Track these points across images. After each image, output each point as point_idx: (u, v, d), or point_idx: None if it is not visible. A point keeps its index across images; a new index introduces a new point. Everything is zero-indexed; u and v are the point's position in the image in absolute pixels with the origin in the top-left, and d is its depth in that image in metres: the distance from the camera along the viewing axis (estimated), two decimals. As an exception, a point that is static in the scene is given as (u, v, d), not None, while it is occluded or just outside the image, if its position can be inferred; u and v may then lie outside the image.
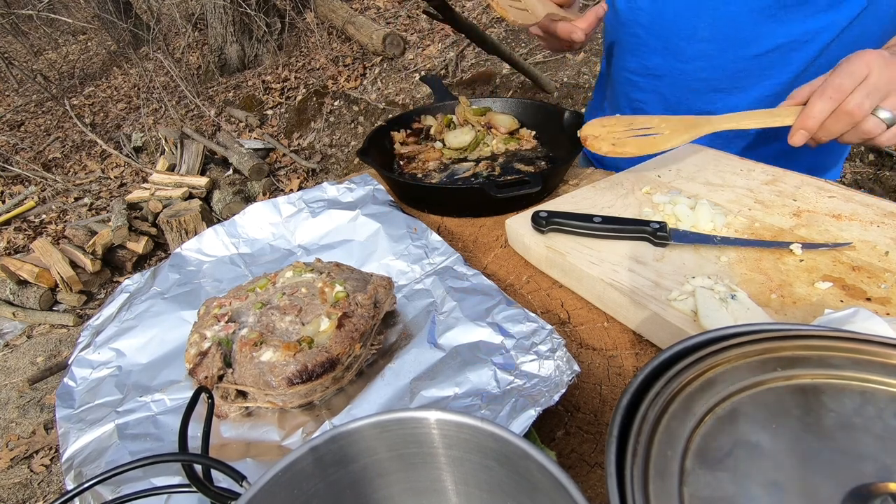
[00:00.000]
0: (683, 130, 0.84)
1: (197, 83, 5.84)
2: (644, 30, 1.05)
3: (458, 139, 1.15)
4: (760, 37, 0.94)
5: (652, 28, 1.03)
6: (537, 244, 0.80)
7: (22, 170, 4.85)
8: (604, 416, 0.60)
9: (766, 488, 0.29)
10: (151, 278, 0.87)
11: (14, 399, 2.75)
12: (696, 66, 1.02)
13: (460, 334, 0.66)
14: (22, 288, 3.28)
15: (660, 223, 0.75)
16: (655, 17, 1.02)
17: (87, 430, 0.63)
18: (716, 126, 0.83)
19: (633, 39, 1.08)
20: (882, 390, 0.33)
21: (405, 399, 0.60)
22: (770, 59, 0.96)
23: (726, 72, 1.00)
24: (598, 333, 0.70)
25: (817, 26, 0.90)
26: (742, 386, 0.34)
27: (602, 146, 0.83)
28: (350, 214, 0.92)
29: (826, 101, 0.74)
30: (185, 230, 3.50)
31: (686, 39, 1.00)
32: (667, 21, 1.01)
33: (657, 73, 1.08)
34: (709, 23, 0.96)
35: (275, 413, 0.63)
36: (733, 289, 0.64)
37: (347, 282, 0.71)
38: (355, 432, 0.38)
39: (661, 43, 1.04)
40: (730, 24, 0.94)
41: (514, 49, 4.39)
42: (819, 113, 0.74)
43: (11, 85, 7.17)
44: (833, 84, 0.73)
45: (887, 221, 0.74)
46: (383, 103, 4.56)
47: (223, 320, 0.67)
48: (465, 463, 0.39)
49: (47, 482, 2.29)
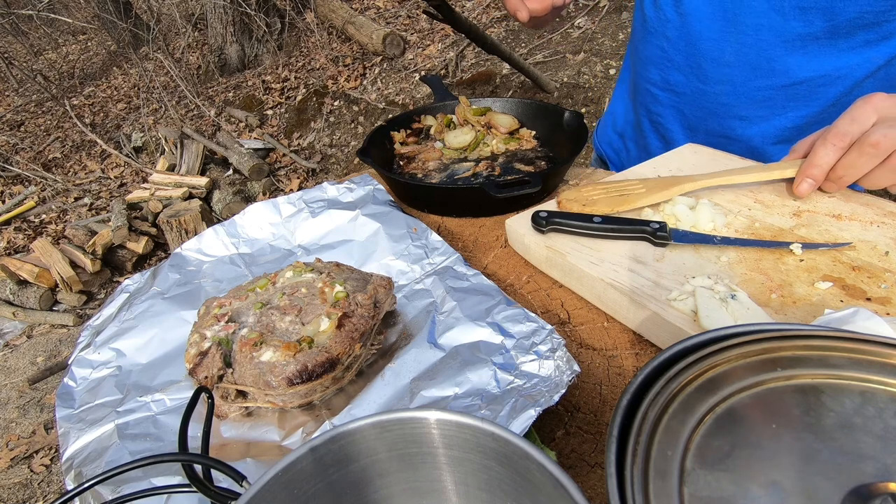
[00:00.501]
0: (662, 188, 0.83)
1: (197, 83, 5.84)
2: (670, 44, 1.00)
3: (458, 139, 1.15)
4: (789, 68, 0.90)
5: (678, 43, 0.99)
6: (537, 244, 0.80)
7: (22, 170, 4.86)
8: (604, 416, 0.60)
9: (766, 488, 0.29)
10: (151, 278, 0.87)
11: (14, 399, 2.75)
12: (719, 90, 0.98)
13: (460, 334, 0.66)
14: (22, 288, 3.28)
15: (660, 223, 0.75)
16: (682, 32, 0.97)
17: (87, 430, 0.63)
18: (700, 184, 0.82)
19: (658, 52, 1.04)
20: (882, 390, 0.33)
21: (405, 399, 0.60)
22: (796, 91, 0.91)
23: (750, 99, 0.96)
24: (598, 333, 0.70)
25: (851, 62, 0.86)
26: (742, 386, 0.34)
27: (573, 206, 0.83)
28: (350, 214, 0.92)
29: (829, 148, 0.70)
30: (185, 230, 3.51)
31: (711, 61, 0.96)
32: (693, 39, 0.96)
33: (678, 90, 1.04)
34: (736, 48, 0.92)
35: (275, 413, 0.63)
36: (733, 289, 0.64)
37: (347, 282, 0.71)
38: (355, 432, 0.38)
39: (685, 60, 1.00)
40: (757, 52, 0.90)
41: (514, 49, 4.39)
42: (822, 160, 0.71)
43: (11, 85, 7.17)
44: (836, 131, 0.70)
45: (887, 221, 0.74)
46: (383, 103, 4.56)
47: (223, 320, 0.67)
48: (465, 463, 0.39)
49: (47, 482, 2.29)
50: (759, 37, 0.89)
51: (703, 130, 1.05)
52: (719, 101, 0.99)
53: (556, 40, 4.50)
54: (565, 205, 0.85)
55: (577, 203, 0.84)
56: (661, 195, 0.83)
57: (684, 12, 0.95)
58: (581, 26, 4.51)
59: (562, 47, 4.39)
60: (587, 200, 0.84)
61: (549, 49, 4.42)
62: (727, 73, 0.95)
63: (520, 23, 0.93)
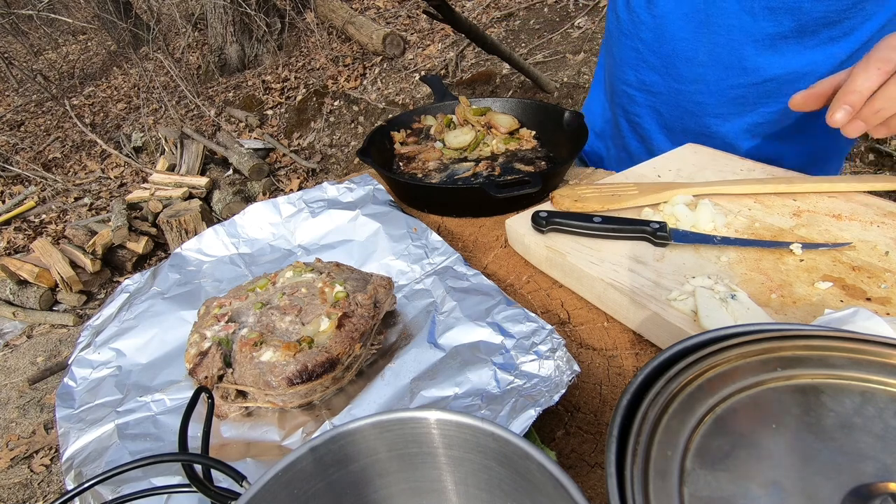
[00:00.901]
0: (655, 191, 0.84)
1: (197, 83, 5.84)
2: (644, 45, 1.03)
3: (458, 139, 1.15)
4: (759, 67, 0.93)
5: (652, 45, 1.02)
6: (537, 244, 0.80)
7: (22, 170, 4.85)
8: (604, 416, 0.60)
9: (766, 488, 0.29)
10: (151, 278, 0.87)
11: (14, 399, 2.75)
12: (694, 89, 1.01)
13: (460, 334, 0.66)
14: (22, 288, 3.28)
15: (660, 223, 0.75)
16: (656, 34, 1.00)
17: (87, 430, 0.63)
18: (692, 191, 0.83)
19: (633, 53, 1.06)
20: (882, 390, 0.33)
21: (405, 399, 0.60)
22: (767, 88, 0.95)
23: (723, 97, 0.99)
24: (598, 333, 0.70)
25: (817, 59, 0.89)
26: (742, 386, 0.34)
27: (565, 202, 0.84)
28: (350, 214, 0.92)
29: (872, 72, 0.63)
30: (185, 230, 3.50)
31: (685, 61, 0.99)
32: (666, 40, 0.99)
33: (654, 90, 1.07)
34: (709, 48, 0.95)
35: (275, 413, 0.63)
36: (733, 289, 0.64)
37: (347, 282, 0.71)
38: (355, 432, 0.38)
39: (659, 61, 1.02)
40: (729, 52, 0.93)
41: (514, 49, 4.39)
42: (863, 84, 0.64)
43: (11, 85, 7.17)
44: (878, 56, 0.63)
45: (887, 221, 0.74)
46: (383, 103, 4.56)
47: (223, 320, 0.67)
48: (465, 463, 0.39)
49: (47, 482, 2.29)
50: (731, 37, 0.92)
51: (680, 129, 1.07)
52: (694, 100, 1.02)
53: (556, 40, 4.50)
54: (558, 201, 0.85)
55: (569, 199, 0.84)
56: (653, 198, 0.84)
57: (657, 14, 0.98)
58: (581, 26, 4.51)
59: (562, 47, 4.39)
60: (579, 197, 0.85)
61: (549, 49, 4.42)
62: (701, 73, 0.98)
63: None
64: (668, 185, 0.87)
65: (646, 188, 0.86)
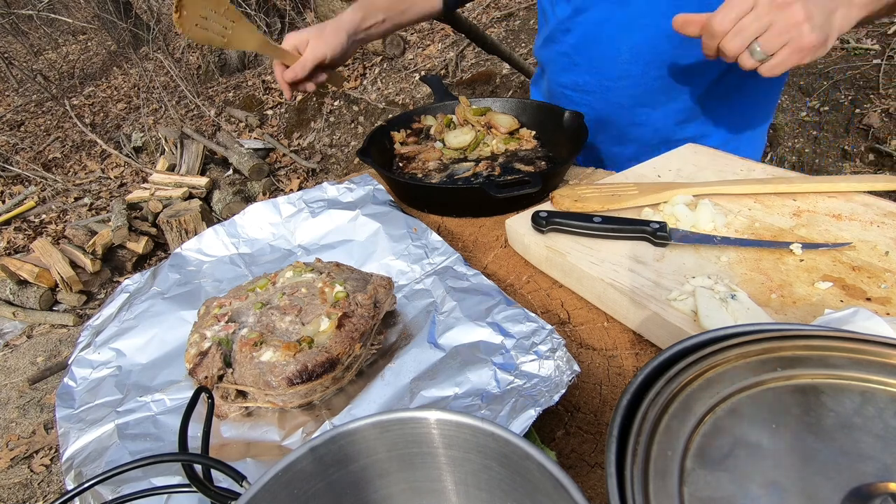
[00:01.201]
0: (654, 191, 0.85)
1: (197, 83, 5.84)
2: (574, 50, 1.14)
3: (458, 139, 1.15)
4: (676, 59, 1.04)
5: (581, 49, 1.12)
6: (537, 244, 0.80)
7: (22, 170, 4.86)
8: (604, 416, 0.60)
9: (766, 488, 0.29)
10: (151, 278, 0.87)
11: (14, 399, 2.75)
12: (622, 85, 1.11)
13: (460, 334, 0.66)
14: (22, 288, 3.28)
15: (660, 223, 0.75)
16: (583, 39, 1.11)
17: (87, 430, 0.63)
18: (691, 191, 0.84)
19: (565, 58, 1.16)
20: (882, 390, 0.33)
21: (405, 399, 0.60)
22: (686, 77, 1.07)
23: (648, 89, 1.10)
24: (598, 333, 0.70)
25: None
26: (742, 386, 0.34)
27: (564, 202, 0.85)
28: (350, 214, 0.92)
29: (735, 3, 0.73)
30: (185, 230, 3.50)
31: (611, 61, 1.09)
32: (592, 43, 1.10)
33: (587, 89, 1.17)
34: (629, 47, 1.06)
35: (275, 413, 0.63)
36: (733, 289, 0.64)
37: (347, 282, 0.71)
38: (355, 432, 0.38)
39: (589, 63, 1.13)
40: (648, 49, 1.05)
41: (514, 49, 4.39)
42: (726, 16, 0.73)
43: (11, 85, 7.17)
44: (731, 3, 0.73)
45: (887, 221, 0.74)
46: (383, 103, 4.56)
47: (223, 320, 0.67)
48: (465, 463, 0.39)
49: (47, 482, 2.29)
50: (646, 35, 1.03)
51: (615, 121, 1.17)
52: (624, 94, 1.12)
53: (556, 40, 4.49)
54: (558, 201, 0.86)
55: (569, 199, 0.85)
56: (653, 198, 0.84)
57: (583, 21, 1.09)
58: (581, 26, 4.50)
59: (562, 47, 4.38)
60: (579, 197, 0.85)
61: (549, 49, 4.42)
62: (626, 69, 1.09)
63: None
64: (668, 185, 0.87)
65: (646, 188, 0.86)
